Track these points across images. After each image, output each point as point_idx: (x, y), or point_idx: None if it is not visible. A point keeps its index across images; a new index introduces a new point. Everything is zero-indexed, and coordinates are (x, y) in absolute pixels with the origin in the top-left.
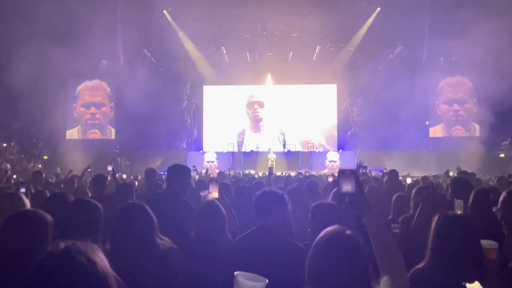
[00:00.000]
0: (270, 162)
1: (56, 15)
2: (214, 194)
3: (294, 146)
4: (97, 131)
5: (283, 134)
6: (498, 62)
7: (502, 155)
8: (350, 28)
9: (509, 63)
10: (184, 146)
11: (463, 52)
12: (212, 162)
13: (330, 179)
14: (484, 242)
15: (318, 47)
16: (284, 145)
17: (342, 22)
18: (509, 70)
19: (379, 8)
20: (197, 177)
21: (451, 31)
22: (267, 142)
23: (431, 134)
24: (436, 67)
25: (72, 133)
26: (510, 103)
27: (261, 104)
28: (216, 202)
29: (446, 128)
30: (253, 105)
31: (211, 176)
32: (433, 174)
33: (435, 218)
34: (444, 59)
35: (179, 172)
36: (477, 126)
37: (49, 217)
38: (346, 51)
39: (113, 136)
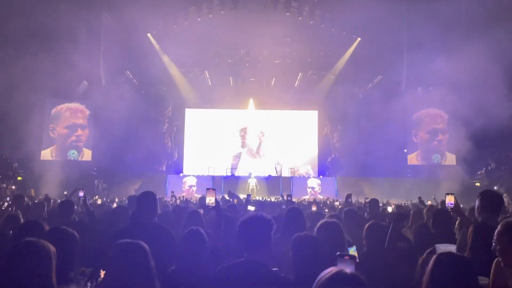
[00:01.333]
0: (250, 187)
1: (36, 33)
2: (211, 200)
3: (276, 170)
4: (75, 152)
5: (280, 165)
6: (474, 94)
7: (478, 184)
8: (332, 56)
9: (484, 96)
10: (164, 169)
11: (440, 83)
12: (193, 186)
13: (314, 208)
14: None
15: (300, 73)
16: (280, 176)
17: (324, 50)
18: (484, 102)
19: (359, 38)
20: (178, 201)
21: (428, 63)
22: (247, 167)
23: (409, 162)
24: (414, 97)
25: (46, 154)
26: (485, 133)
27: (244, 130)
28: (200, 230)
29: (422, 156)
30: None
31: (190, 199)
32: (413, 201)
33: (433, 258)
34: (422, 89)
35: (146, 200)
36: (453, 156)
37: (52, 248)
38: (328, 79)
39: (89, 158)
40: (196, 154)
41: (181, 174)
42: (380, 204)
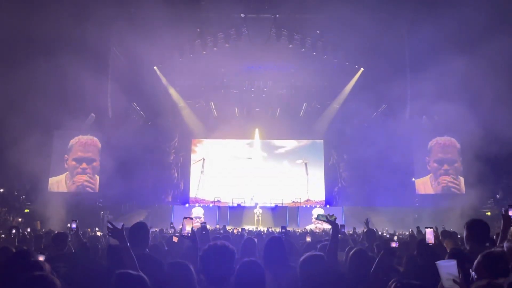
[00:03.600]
0: (256, 217)
1: (44, 66)
2: (187, 229)
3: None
4: (87, 182)
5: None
6: (482, 122)
7: (488, 213)
8: (336, 86)
9: (493, 124)
10: (170, 199)
11: (445, 111)
12: (199, 217)
13: (308, 239)
14: None
15: (304, 104)
16: (286, 206)
17: (328, 80)
18: (493, 130)
19: (362, 68)
20: (174, 233)
21: (432, 92)
22: (254, 196)
23: (418, 190)
24: (418, 126)
25: (57, 185)
26: (496, 161)
27: (250, 160)
28: (186, 264)
29: (431, 184)
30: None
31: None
32: (411, 231)
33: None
34: (427, 117)
35: (136, 231)
36: (462, 184)
37: (57, 282)
38: (332, 108)
39: (97, 189)
40: (203, 185)
41: (187, 205)
42: (385, 234)
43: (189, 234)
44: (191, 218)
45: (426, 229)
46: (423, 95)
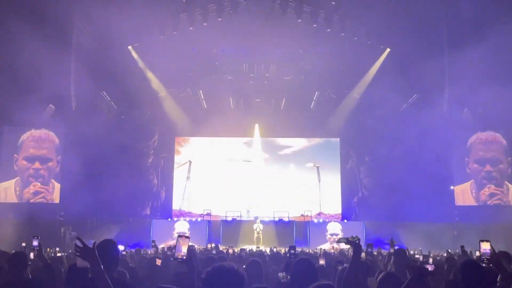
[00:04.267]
0: (256, 234)
1: None
2: (183, 250)
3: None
4: (43, 189)
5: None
6: None
7: None
8: (355, 71)
9: None
10: (148, 212)
11: (492, 102)
12: (184, 233)
13: (321, 262)
14: None
15: (316, 93)
16: (293, 221)
17: (345, 64)
18: None
19: (389, 49)
20: (154, 255)
21: (476, 77)
22: (252, 208)
23: (457, 201)
24: (459, 120)
25: (8, 187)
26: None
27: (248, 163)
28: None
29: (474, 193)
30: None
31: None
32: (450, 251)
33: None
34: (469, 110)
35: (103, 251)
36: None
37: None
38: (351, 99)
39: (57, 199)
40: (189, 194)
41: (170, 219)
42: (418, 255)
43: (185, 257)
44: (188, 237)
45: (482, 243)
46: (465, 82)
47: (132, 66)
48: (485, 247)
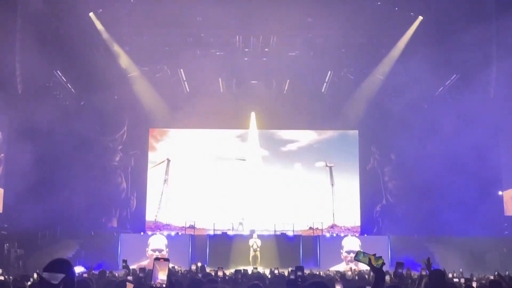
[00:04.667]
0: (252, 252)
1: None
2: (161, 277)
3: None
4: None
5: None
6: None
7: None
8: (378, 45)
9: None
10: (115, 225)
11: None
12: (161, 251)
13: (338, 287)
14: None
15: (329, 72)
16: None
17: (366, 36)
18: None
19: (421, 17)
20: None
21: None
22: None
23: (507, 211)
24: (510, 107)
25: None
26: None
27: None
28: None
29: None
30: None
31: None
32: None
33: None
34: None
35: (54, 273)
36: None
37: None
38: (372, 81)
39: None
40: (167, 201)
41: (143, 233)
42: (457, 279)
43: (164, 286)
44: (167, 260)
45: None
46: None
47: (94, 38)
48: None
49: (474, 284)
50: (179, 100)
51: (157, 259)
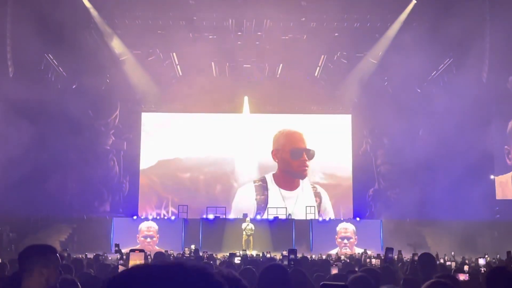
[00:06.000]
0: (245, 236)
1: None
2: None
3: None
4: None
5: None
6: None
7: None
8: (372, 29)
9: None
10: (108, 209)
11: None
12: (152, 237)
13: (334, 271)
14: None
15: (322, 56)
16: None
17: (360, 20)
18: None
19: (414, 1)
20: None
21: None
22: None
23: (499, 195)
24: (502, 92)
25: None
26: None
27: (236, 146)
28: None
29: None
30: None
31: (149, 255)
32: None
33: None
34: None
35: (34, 257)
36: None
37: None
38: (366, 64)
39: None
40: (159, 185)
41: (136, 217)
42: (449, 262)
43: None
44: (141, 251)
45: None
46: None
47: (86, 22)
48: None
49: (466, 268)
50: (171, 84)
51: (132, 250)
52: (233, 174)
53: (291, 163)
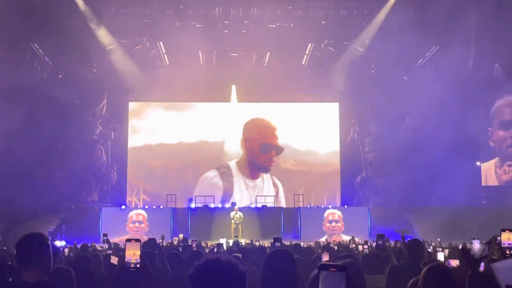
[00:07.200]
0: (233, 225)
1: None
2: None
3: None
4: None
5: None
6: None
7: None
8: (359, 17)
9: None
10: (96, 199)
11: None
12: (140, 223)
13: (326, 258)
14: None
15: (310, 45)
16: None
17: (347, 8)
18: None
19: None
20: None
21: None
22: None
23: (485, 181)
24: (489, 79)
25: None
26: None
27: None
28: None
29: (497, 166)
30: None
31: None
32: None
33: None
34: (502, 67)
35: (29, 247)
36: None
37: None
38: (353, 53)
39: None
40: (148, 174)
41: (124, 207)
42: (437, 248)
43: (138, 265)
44: (137, 240)
45: (503, 233)
46: (497, 30)
47: (72, 11)
48: (507, 238)
49: (446, 252)
50: (158, 73)
51: (128, 240)
52: (221, 162)
53: (258, 156)
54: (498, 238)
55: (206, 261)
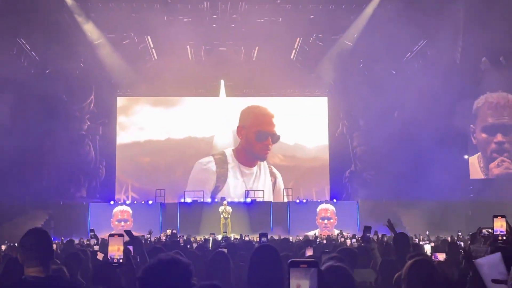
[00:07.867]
0: (223, 220)
1: None
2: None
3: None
4: None
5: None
6: None
7: None
8: (347, 11)
9: None
10: (84, 194)
11: None
12: (126, 221)
13: (309, 253)
14: None
15: (298, 39)
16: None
17: (335, 1)
18: None
19: None
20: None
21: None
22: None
23: (472, 175)
24: (476, 73)
25: None
26: None
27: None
28: None
29: (484, 164)
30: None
31: None
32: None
33: None
34: (489, 60)
35: (33, 242)
36: None
37: None
38: (341, 46)
39: None
40: (136, 172)
41: (112, 202)
42: (424, 242)
43: (121, 260)
44: (121, 235)
45: (496, 220)
46: (485, 23)
47: (59, 5)
48: (500, 226)
49: (432, 244)
50: (146, 67)
51: (111, 235)
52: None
53: (254, 144)
54: (484, 230)
55: (153, 264)
